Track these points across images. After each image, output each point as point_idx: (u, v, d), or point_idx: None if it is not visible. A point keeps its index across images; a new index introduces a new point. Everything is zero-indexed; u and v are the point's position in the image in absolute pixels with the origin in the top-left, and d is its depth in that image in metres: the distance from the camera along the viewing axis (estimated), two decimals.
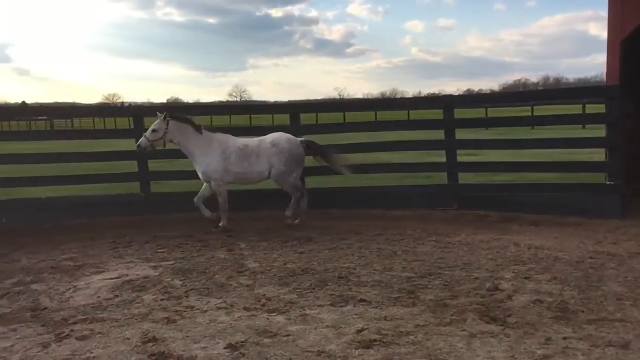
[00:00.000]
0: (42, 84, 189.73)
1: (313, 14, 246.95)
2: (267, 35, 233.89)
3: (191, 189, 9.57)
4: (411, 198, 8.78)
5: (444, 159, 8.95)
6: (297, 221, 7.98)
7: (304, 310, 4.58)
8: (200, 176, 7.86)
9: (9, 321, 4.56)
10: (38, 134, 18.00)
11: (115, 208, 8.66)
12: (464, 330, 4.05)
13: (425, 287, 5.07)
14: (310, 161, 8.38)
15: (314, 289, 5.13)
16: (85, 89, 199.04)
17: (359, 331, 4.09)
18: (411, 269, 5.68)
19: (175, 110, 8.36)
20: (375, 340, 3.90)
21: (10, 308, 4.90)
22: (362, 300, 4.75)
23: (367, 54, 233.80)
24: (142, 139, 7.62)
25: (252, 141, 7.96)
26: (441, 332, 4.03)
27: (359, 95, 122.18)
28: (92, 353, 3.88)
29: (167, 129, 7.64)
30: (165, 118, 7.64)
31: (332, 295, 4.93)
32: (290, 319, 4.39)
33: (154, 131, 7.64)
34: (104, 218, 8.41)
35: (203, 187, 8.01)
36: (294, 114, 9.30)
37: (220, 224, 7.83)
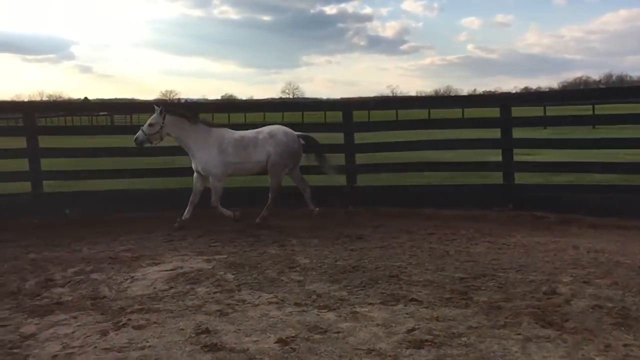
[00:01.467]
0: (103, 81, 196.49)
1: (367, 10, 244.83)
2: (321, 32, 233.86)
3: (245, 183, 9.74)
4: (465, 197, 8.64)
5: (500, 158, 8.75)
6: (316, 210, 8.08)
7: (354, 307, 4.57)
8: (200, 171, 7.92)
9: (70, 308, 4.75)
10: (100, 128, 18.70)
11: (170, 201, 8.84)
12: (519, 334, 3.95)
13: (479, 289, 4.97)
14: (365, 158, 8.34)
15: (364, 286, 5.11)
16: (144, 85, 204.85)
17: (410, 330, 4.05)
18: (464, 269, 5.58)
19: (170, 105, 8.37)
20: (426, 341, 3.85)
21: (72, 296, 5.10)
22: (413, 300, 4.70)
23: (421, 51, 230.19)
24: (139, 133, 7.71)
25: (249, 132, 8.07)
26: (494, 335, 3.95)
27: (412, 93, 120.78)
28: (148, 342, 3.99)
29: (163, 122, 7.72)
30: (161, 112, 7.74)
31: (382, 293, 4.91)
32: (340, 316, 4.39)
33: (150, 125, 7.73)
34: (160, 211, 8.60)
35: (195, 181, 8.06)
36: (347, 111, 9.29)
37: (231, 216, 7.88)
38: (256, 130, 8.13)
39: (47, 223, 8.16)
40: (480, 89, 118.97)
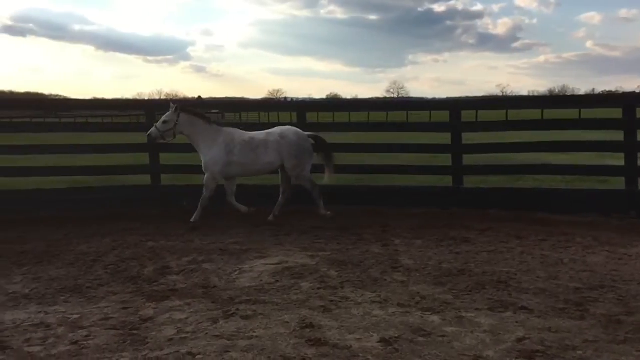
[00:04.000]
0: (215, 80, 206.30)
1: (477, 7, 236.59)
2: (428, 30, 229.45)
3: (351, 182, 9.80)
4: (581, 203, 8.13)
5: (622, 162, 8.15)
6: (270, 217, 8.06)
7: (460, 312, 4.46)
8: (202, 168, 8.10)
9: (184, 295, 5.02)
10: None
11: (276, 197, 9.05)
12: None
13: (596, 300, 4.66)
14: (472, 159, 8.11)
15: (470, 291, 4.96)
16: (252, 84, 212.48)
17: (519, 340, 3.87)
18: (579, 279, 5.25)
19: (185, 104, 8.45)
20: (538, 352, 3.66)
21: (185, 284, 5.38)
22: (523, 308, 4.50)
23: (535, 49, 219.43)
24: (153, 129, 7.90)
25: (259, 134, 8.11)
26: (613, 350, 3.68)
27: (524, 92, 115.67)
28: (255, 332, 4.12)
29: (177, 120, 7.86)
30: (176, 110, 7.87)
31: (490, 299, 4.74)
32: (445, 320, 4.30)
33: (164, 122, 7.90)
34: (266, 206, 8.80)
35: (225, 184, 8.23)
36: (454, 111, 9.06)
37: (192, 219, 7.92)
38: (267, 131, 8.17)
39: (165, 214, 8.65)
40: (599, 89, 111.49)
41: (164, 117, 8.00)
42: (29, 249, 6.78)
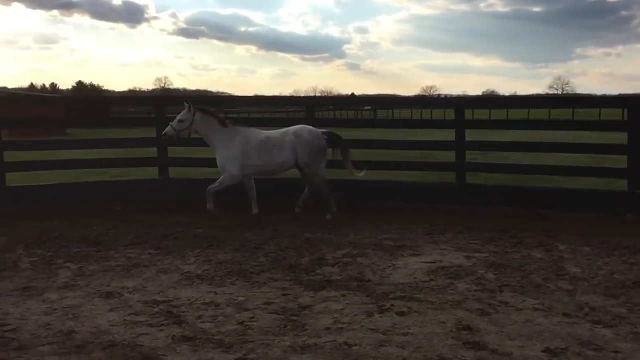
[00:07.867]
0: (369, 77, 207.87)
1: None
2: (599, 22, 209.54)
3: (506, 182, 9.37)
4: None
5: None
6: (297, 209, 8.27)
7: (636, 327, 4.07)
8: (218, 166, 8.10)
9: (340, 287, 5.15)
10: (363, 121, 19.88)
11: (429, 195, 8.93)
12: None
13: None
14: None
15: None
16: (406, 81, 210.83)
17: None
18: None
19: (200, 104, 8.51)
20: None
21: (341, 276, 5.51)
22: None
23: None
24: (169, 128, 8.04)
25: (275, 133, 8.22)
26: None
27: None
28: (410, 329, 4.11)
29: (193, 120, 7.93)
30: (190, 109, 7.93)
31: None
32: (618, 335, 3.95)
33: (180, 121, 8.02)
34: (418, 204, 8.73)
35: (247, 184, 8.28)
36: (633, 109, 8.23)
37: (207, 206, 8.07)
38: (282, 130, 8.25)
39: (317, 206, 8.81)
40: None
41: (179, 117, 8.23)
42: (200, 233, 7.39)
